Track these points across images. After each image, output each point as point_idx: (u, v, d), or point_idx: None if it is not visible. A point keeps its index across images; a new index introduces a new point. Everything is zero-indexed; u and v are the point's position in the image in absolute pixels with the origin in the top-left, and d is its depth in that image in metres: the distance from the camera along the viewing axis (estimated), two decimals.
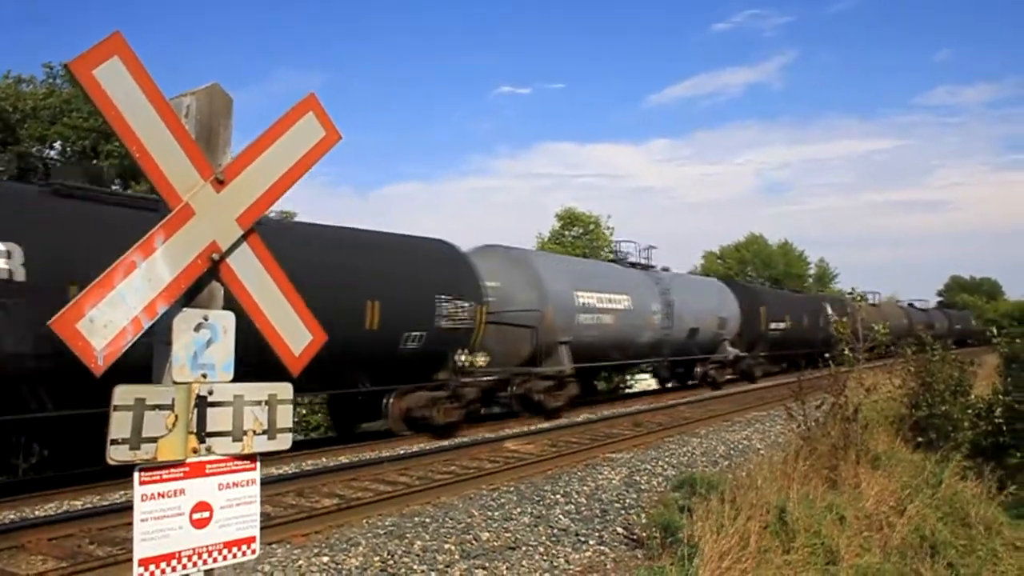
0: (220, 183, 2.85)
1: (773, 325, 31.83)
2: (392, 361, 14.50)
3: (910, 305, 57.10)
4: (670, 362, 26.19)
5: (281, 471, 11.06)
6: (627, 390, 30.54)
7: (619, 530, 7.87)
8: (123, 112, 2.60)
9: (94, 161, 26.92)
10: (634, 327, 22.43)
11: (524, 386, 18.04)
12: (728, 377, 28.61)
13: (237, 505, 2.94)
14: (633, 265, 26.39)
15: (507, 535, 7.61)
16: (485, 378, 16.61)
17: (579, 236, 45.59)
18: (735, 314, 28.76)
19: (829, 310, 38.46)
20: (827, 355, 36.38)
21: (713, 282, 31.10)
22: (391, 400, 14.67)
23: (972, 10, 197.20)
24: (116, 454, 2.59)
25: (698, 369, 27.50)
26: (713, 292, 28.80)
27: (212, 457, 2.85)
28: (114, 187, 26.35)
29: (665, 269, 28.28)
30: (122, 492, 9.47)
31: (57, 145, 27.58)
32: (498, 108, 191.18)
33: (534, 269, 19.08)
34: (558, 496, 9.31)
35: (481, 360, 16.06)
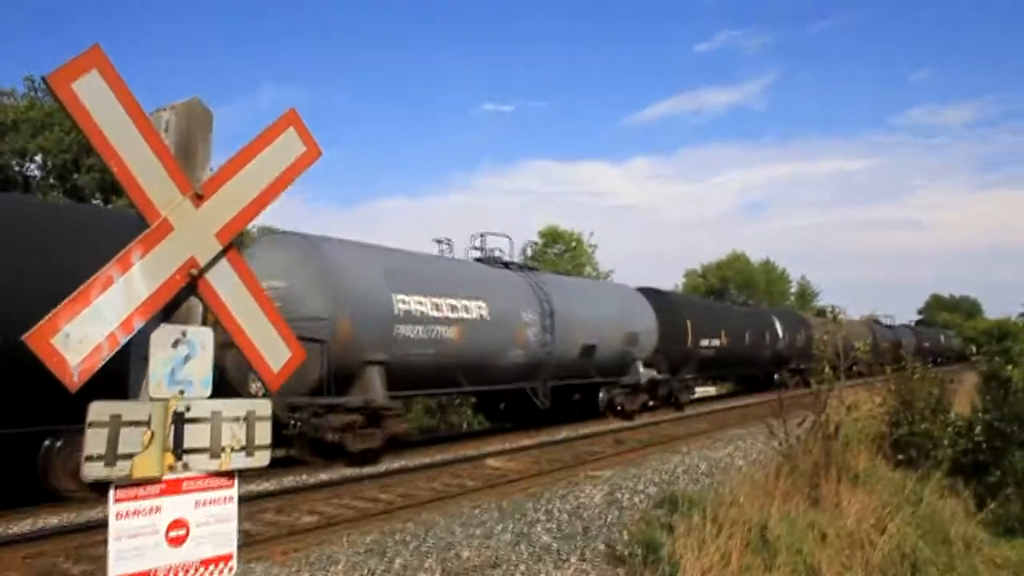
0: (199, 198, 2.84)
1: (705, 342, 26.99)
2: (38, 389, 6.58)
3: (875, 322, 54.40)
4: (554, 388, 19.35)
5: (261, 488, 10.97)
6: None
7: (601, 548, 7.84)
8: (101, 126, 2.59)
9: (75, 175, 26.79)
10: (494, 343, 16.74)
11: (311, 423, 12.82)
12: (645, 404, 23.19)
13: (214, 523, 2.91)
14: (506, 265, 20.11)
15: (489, 553, 7.57)
16: None
17: (561, 253, 45.68)
18: (651, 328, 23.32)
19: (778, 326, 34.95)
20: (776, 376, 32.69)
21: (619, 289, 25.10)
22: (56, 450, 9.84)
23: (951, 31, 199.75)
24: (91, 471, 2.57)
25: (602, 396, 21.49)
26: (618, 301, 22.84)
27: (189, 474, 2.82)
28: (95, 201, 26.31)
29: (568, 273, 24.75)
30: (99, 509, 9.37)
31: (38, 159, 27.41)
32: (481, 125, 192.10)
33: (326, 262, 13.73)
34: (540, 514, 9.28)
35: (254, 387, 12.33)
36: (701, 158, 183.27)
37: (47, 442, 9.83)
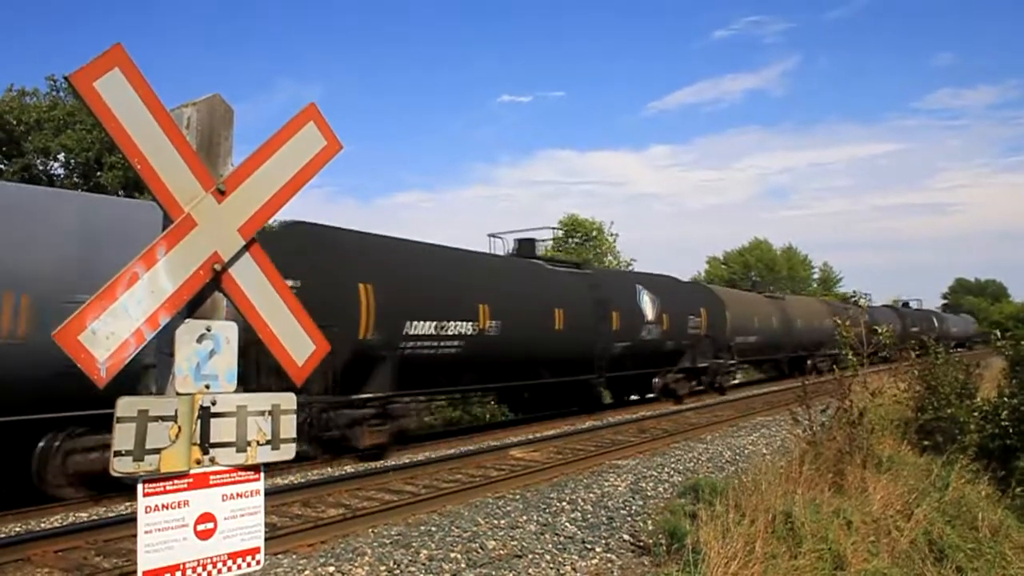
0: (221, 194, 2.86)
1: (422, 328, 14.17)
2: None
3: (845, 300, 44.26)
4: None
5: (286, 481, 11.05)
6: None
7: (625, 537, 7.85)
8: (124, 124, 2.61)
9: (98, 173, 27.01)
10: None
11: None
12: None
13: (241, 516, 2.94)
14: None
15: (513, 543, 7.59)
16: None
17: (582, 243, 45.59)
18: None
19: (646, 301, 21.69)
20: (656, 380, 22.79)
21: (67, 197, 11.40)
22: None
23: (972, 13, 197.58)
24: (119, 466, 2.60)
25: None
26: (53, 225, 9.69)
27: (216, 468, 2.85)
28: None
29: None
30: (127, 504, 9.48)
31: (61, 157, 27.67)
32: (499, 117, 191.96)
33: None
34: (564, 503, 9.29)
35: None
36: (721, 145, 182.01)
37: None
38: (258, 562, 3.00)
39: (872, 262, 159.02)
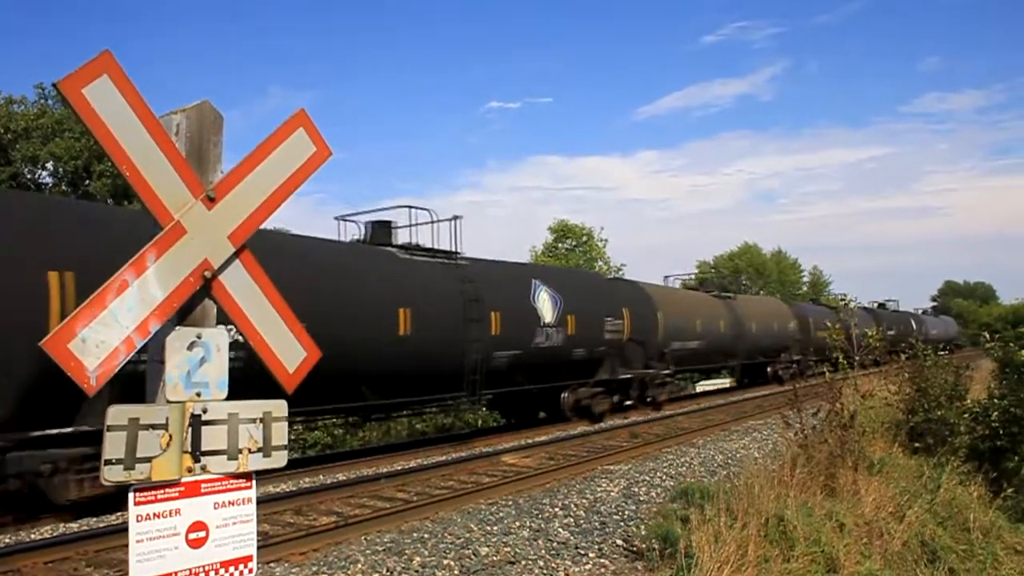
0: (211, 200, 2.85)
1: None
2: None
3: (813, 302, 43.08)
4: None
5: (278, 489, 11.00)
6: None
7: (618, 542, 7.84)
8: (113, 131, 2.60)
9: (87, 181, 26.93)
10: None
11: None
12: None
13: (233, 524, 2.93)
14: None
15: (506, 549, 7.57)
16: None
17: (572, 248, 45.66)
18: None
19: (544, 296, 17.50)
20: (566, 395, 18.75)
21: None
22: None
23: (959, 18, 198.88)
24: (110, 474, 2.58)
25: None
26: None
27: (207, 476, 2.84)
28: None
29: None
30: (119, 513, 9.42)
31: (49, 166, 27.57)
32: (488, 122, 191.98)
33: None
34: (557, 509, 9.28)
35: None
36: (710, 150, 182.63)
37: None
38: (250, 570, 2.99)
39: (862, 265, 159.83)
